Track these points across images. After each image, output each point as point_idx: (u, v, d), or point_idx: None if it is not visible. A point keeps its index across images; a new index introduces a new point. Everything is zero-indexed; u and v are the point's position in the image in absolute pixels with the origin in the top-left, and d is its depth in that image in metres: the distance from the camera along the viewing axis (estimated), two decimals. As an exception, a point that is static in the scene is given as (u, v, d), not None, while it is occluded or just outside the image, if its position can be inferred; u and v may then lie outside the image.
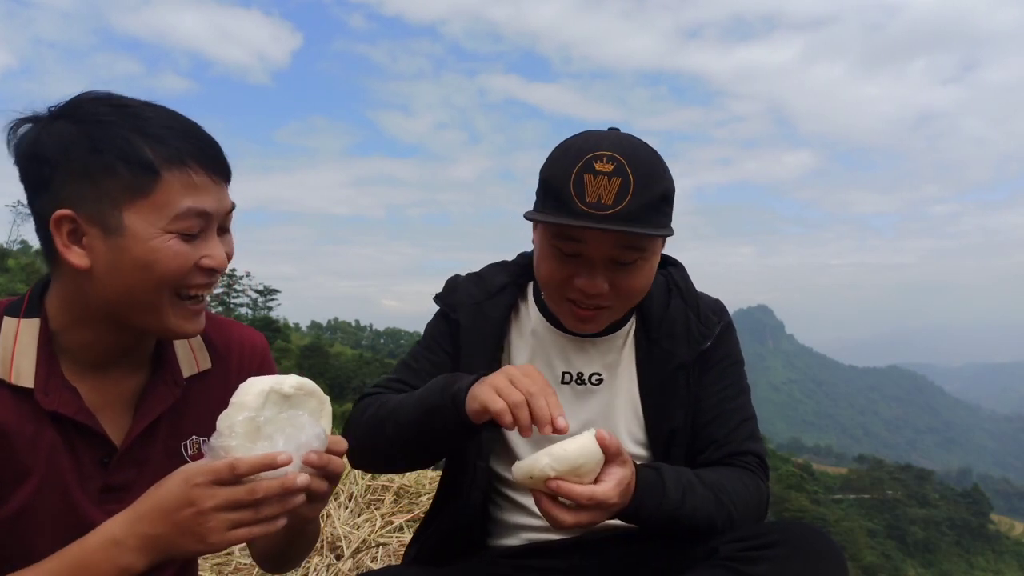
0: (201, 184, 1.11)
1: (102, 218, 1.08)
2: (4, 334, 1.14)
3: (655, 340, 1.52)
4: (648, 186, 1.32)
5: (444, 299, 1.61)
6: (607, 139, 1.36)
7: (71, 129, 1.08)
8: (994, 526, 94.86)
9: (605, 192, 1.30)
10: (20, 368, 1.12)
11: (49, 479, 1.13)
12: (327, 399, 1.18)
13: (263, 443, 1.06)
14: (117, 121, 1.09)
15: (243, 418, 1.05)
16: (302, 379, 1.15)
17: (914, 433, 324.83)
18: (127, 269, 1.09)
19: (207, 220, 1.13)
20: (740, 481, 1.43)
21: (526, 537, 1.53)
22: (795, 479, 72.73)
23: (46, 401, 1.12)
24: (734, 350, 1.59)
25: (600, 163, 1.31)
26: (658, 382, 1.51)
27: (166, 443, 1.25)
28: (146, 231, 1.08)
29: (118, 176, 1.07)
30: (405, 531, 2.86)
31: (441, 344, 1.58)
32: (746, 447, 1.50)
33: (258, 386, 1.09)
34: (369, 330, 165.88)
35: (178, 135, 1.11)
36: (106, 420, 1.19)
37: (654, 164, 1.36)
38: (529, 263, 1.59)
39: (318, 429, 1.11)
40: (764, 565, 1.19)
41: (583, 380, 1.52)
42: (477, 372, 1.34)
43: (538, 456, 1.15)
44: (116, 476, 1.19)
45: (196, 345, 1.32)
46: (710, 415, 1.52)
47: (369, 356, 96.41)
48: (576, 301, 1.40)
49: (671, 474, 1.32)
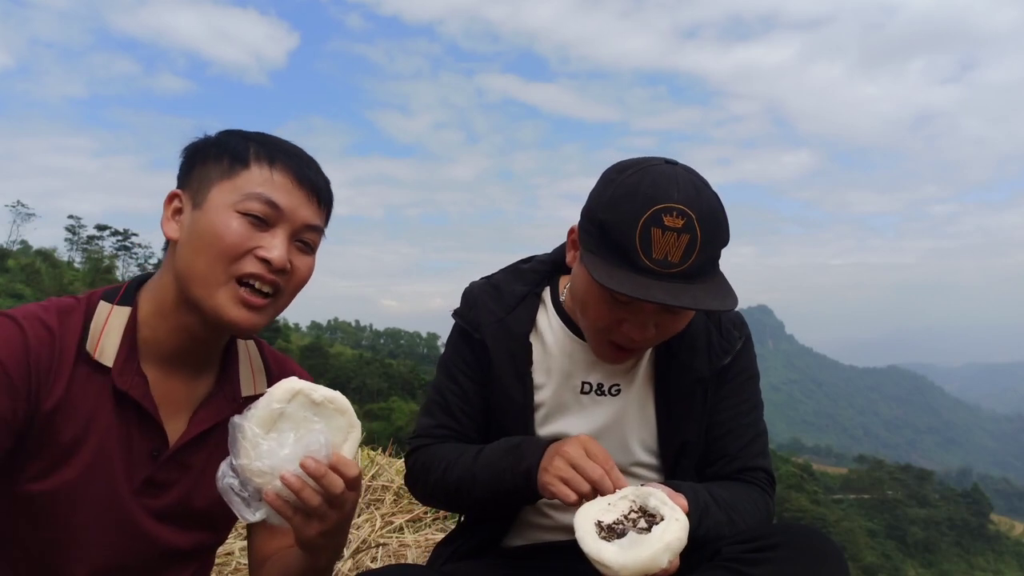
0: (280, 183, 1.24)
1: (196, 195, 1.25)
2: (98, 315, 1.25)
3: (675, 353, 1.51)
4: (713, 241, 1.31)
5: (464, 316, 1.59)
6: (677, 187, 1.30)
7: (213, 137, 1.30)
8: (994, 526, 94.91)
9: (672, 250, 1.27)
10: (104, 348, 1.23)
11: (99, 458, 1.21)
12: (358, 425, 1.21)
13: (273, 434, 1.14)
14: (249, 134, 1.30)
15: (265, 405, 1.15)
16: (338, 395, 1.20)
17: (914, 433, 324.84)
18: (196, 237, 1.22)
19: (277, 213, 1.23)
20: (750, 499, 1.45)
21: (533, 537, 1.54)
22: (795, 479, 72.75)
23: (120, 381, 1.22)
24: (751, 365, 1.59)
25: (669, 217, 1.27)
26: (675, 395, 1.51)
27: (211, 454, 1.30)
28: (219, 205, 1.22)
29: (220, 164, 1.25)
30: (405, 531, 2.86)
31: (465, 371, 1.58)
32: (756, 463, 1.52)
33: (289, 384, 1.17)
34: (369, 330, 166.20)
35: (281, 149, 1.28)
36: (165, 417, 1.27)
37: (719, 216, 1.33)
38: (543, 268, 1.60)
39: (326, 441, 1.14)
40: (766, 567, 1.20)
41: (602, 391, 1.52)
42: (513, 399, 1.49)
43: (657, 555, 1.13)
44: (162, 472, 1.27)
45: (256, 368, 1.43)
46: (724, 429, 1.53)
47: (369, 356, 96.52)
48: (619, 344, 1.41)
49: (692, 497, 1.31)
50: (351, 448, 1.19)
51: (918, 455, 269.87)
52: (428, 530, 2.88)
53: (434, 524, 2.96)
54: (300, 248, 1.28)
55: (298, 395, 1.16)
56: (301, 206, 1.25)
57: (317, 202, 1.28)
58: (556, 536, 1.52)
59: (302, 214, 1.25)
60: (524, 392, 1.52)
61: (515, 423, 1.52)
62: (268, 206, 1.22)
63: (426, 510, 3.02)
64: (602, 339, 1.42)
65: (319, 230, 1.30)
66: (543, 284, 1.60)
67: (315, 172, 1.30)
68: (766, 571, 1.20)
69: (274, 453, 1.13)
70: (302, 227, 1.26)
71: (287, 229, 1.24)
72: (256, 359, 1.45)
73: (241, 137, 1.28)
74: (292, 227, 1.25)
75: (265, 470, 1.12)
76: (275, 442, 1.13)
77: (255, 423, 1.14)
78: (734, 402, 1.54)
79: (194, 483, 1.31)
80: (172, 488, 1.28)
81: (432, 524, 2.96)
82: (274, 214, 1.23)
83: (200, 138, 1.30)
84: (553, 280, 1.62)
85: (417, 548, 2.70)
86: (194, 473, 1.31)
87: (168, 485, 1.28)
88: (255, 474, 1.12)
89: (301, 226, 1.26)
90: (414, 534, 2.83)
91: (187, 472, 1.30)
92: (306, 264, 1.29)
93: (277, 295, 1.26)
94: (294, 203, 1.24)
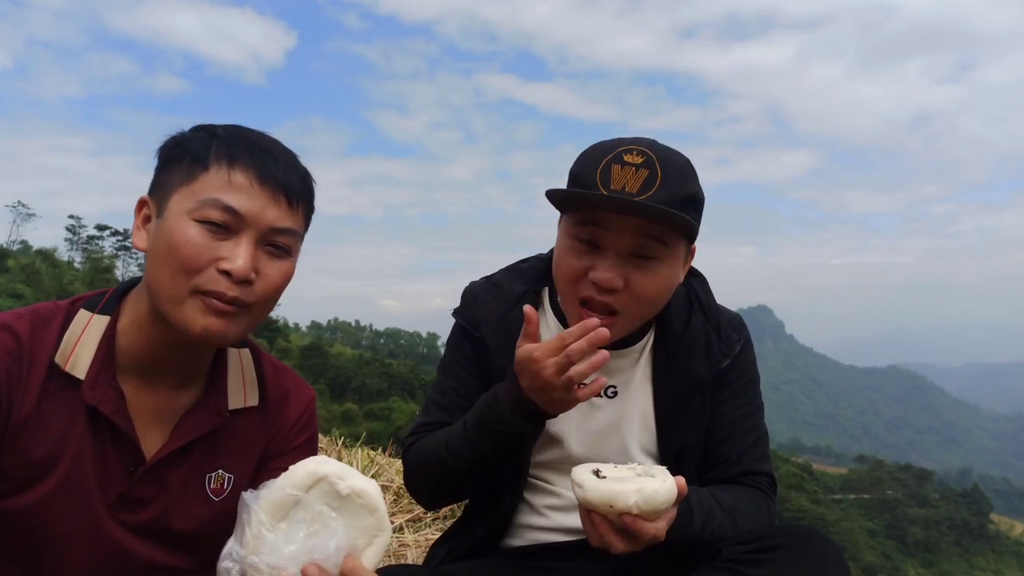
0: (239, 184, 1.13)
1: (160, 202, 1.16)
2: (75, 324, 1.18)
3: (674, 355, 1.50)
4: (675, 182, 1.31)
5: (464, 315, 1.58)
6: (641, 139, 1.36)
7: (181, 135, 1.20)
8: (994, 526, 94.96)
9: (631, 181, 1.29)
10: (78, 359, 1.16)
11: (73, 474, 1.14)
12: (388, 528, 1.06)
13: (283, 524, 1.02)
14: (218, 131, 1.18)
15: (280, 488, 1.02)
16: (369, 489, 1.04)
17: (914, 433, 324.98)
18: (158, 249, 1.14)
19: (237, 220, 1.13)
20: (753, 503, 1.45)
21: (531, 538, 1.52)
22: (795, 479, 72.77)
23: (90, 395, 1.14)
24: (751, 368, 1.57)
25: (629, 155, 1.31)
26: (674, 398, 1.50)
27: (192, 469, 1.24)
28: (177, 213, 1.12)
29: (181, 166, 1.15)
30: (405, 531, 2.86)
31: (466, 368, 1.56)
32: (758, 467, 1.51)
33: (313, 466, 1.03)
34: (369, 330, 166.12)
35: (247, 145, 1.17)
36: (143, 431, 1.20)
37: (684, 166, 1.36)
38: (544, 268, 1.59)
39: (339, 547, 1.02)
40: (767, 568, 1.20)
41: (599, 393, 1.47)
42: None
43: (626, 491, 1.15)
44: (138, 488, 1.20)
45: (248, 380, 1.33)
46: (724, 433, 1.51)
47: (369, 356, 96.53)
48: (589, 301, 1.37)
49: (696, 500, 1.31)
50: (374, 556, 1.05)
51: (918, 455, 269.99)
52: (428, 530, 2.88)
53: (434, 524, 2.96)
54: (271, 253, 1.17)
55: (321, 482, 1.02)
56: (266, 208, 1.14)
57: (286, 201, 1.17)
58: (554, 537, 1.51)
59: (267, 217, 1.14)
60: None
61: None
62: (226, 212, 1.11)
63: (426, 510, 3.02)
64: (574, 298, 1.39)
65: (291, 232, 1.18)
66: (542, 283, 1.59)
67: (284, 168, 1.18)
68: (767, 572, 1.19)
69: (276, 549, 1.00)
70: (268, 231, 1.15)
71: (252, 235, 1.14)
72: (249, 369, 1.35)
73: (206, 134, 1.17)
74: (257, 232, 1.14)
75: (261, 567, 1.00)
76: (282, 536, 1.01)
77: (264, 508, 1.01)
78: (734, 406, 1.53)
79: (172, 502, 1.23)
80: (149, 505, 1.21)
81: (432, 524, 2.96)
82: (234, 220, 1.12)
83: (171, 136, 1.20)
84: (551, 279, 1.57)
85: (417, 548, 2.70)
86: (172, 491, 1.23)
87: (145, 501, 1.21)
88: (252, 568, 1.01)
89: (267, 230, 1.15)
90: (413, 534, 2.83)
91: (166, 488, 1.22)
92: (278, 270, 1.18)
93: (248, 306, 1.16)
94: (256, 206, 1.13)
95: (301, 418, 1.38)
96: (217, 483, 1.27)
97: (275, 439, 1.35)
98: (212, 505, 1.27)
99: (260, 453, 1.33)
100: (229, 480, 1.29)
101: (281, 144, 1.22)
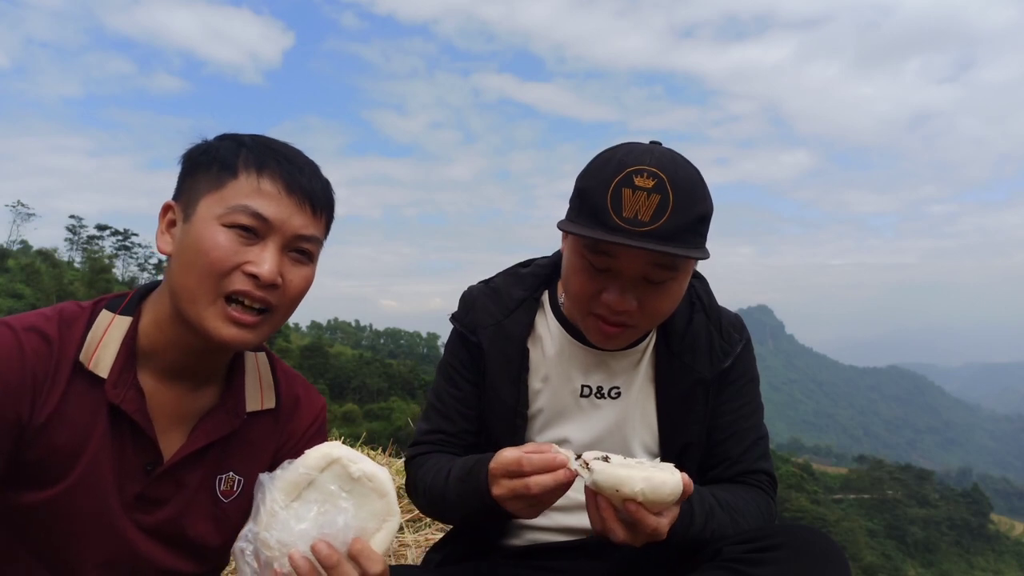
0: (268, 192, 1.18)
1: (187, 207, 1.20)
2: (97, 324, 1.21)
3: (676, 355, 1.52)
4: (687, 206, 1.29)
5: (461, 319, 1.58)
6: (650, 154, 1.32)
7: (207, 143, 1.24)
8: (994, 526, 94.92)
9: (643, 209, 1.27)
10: (100, 358, 1.19)
11: (92, 470, 1.17)
12: (397, 513, 1.10)
13: (296, 504, 1.05)
14: (245, 140, 1.23)
15: (294, 469, 1.06)
16: (380, 474, 1.09)
17: (914, 433, 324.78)
18: (185, 252, 1.17)
19: (265, 226, 1.17)
20: (753, 502, 1.47)
21: (530, 538, 1.53)
22: (795, 479, 72.73)
23: (113, 394, 1.17)
24: (751, 368, 1.60)
25: (640, 178, 1.28)
26: (676, 397, 1.51)
27: (207, 471, 1.27)
28: (206, 218, 1.17)
29: (209, 173, 1.19)
30: (405, 531, 2.85)
31: (463, 374, 1.57)
32: (758, 466, 1.53)
33: (327, 449, 1.08)
34: (369, 330, 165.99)
35: (274, 154, 1.21)
36: (162, 431, 1.23)
37: (695, 184, 1.33)
38: (542, 272, 1.59)
39: (347, 524, 1.04)
40: (768, 567, 1.20)
41: (602, 394, 1.52)
42: (505, 403, 1.48)
43: (634, 477, 1.16)
44: (155, 488, 1.22)
45: (265, 382, 1.37)
46: (725, 433, 1.53)
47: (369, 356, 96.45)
48: (602, 317, 1.39)
49: (697, 499, 1.32)
50: (383, 540, 1.08)
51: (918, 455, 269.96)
52: (428, 530, 2.87)
53: (434, 524, 2.95)
54: (295, 259, 1.22)
55: (334, 464, 1.06)
56: (292, 215, 1.20)
57: (311, 209, 1.22)
58: (554, 537, 1.52)
59: (293, 224, 1.20)
60: (517, 397, 1.51)
61: (505, 428, 1.51)
62: (255, 218, 1.16)
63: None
64: (586, 312, 1.41)
65: (315, 239, 1.24)
66: (542, 288, 1.59)
67: (309, 177, 1.23)
68: (767, 571, 1.20)
69: (288, 526, 1.04)
70: (294, 237, 1.21)
71: (278, 241, 1.19)
72: (266, 373, 1.39)
73: (234, 143, 1.22)
74: (283, 238, 1.19)
75: (273, 544, 1.03)
76: (293, 514, 1.04)
77: (279, 488, 1.05)
78: (735, 406, 1.54)
79: (187, 504, 1.25)
80: (165, 505, 1.23)
81: (432, 524, 2.95)
82: (262, 226, 1.17)
83: (196, 144, 1.24)
84: (552, 284, 1.60)
85: (417, 548, 2.69)
86: (187, 491, 1.25)
87: (161, 501, 1.23)
88: (264, 545, 1.04)
89: (293, 236, 1.20)
90: (414, 534, 2.82)
91: (181, 490, 1.25)
92: (301, 275, 1.23)
93: (271, 311, 1.21)
94: (284, 213, 1.19)
95: (312, 426, 1.41)
96: (227, 485, 1.29)
97: (286, 445, 1.38)
98: (221, 507, 1.29)
99: (270, 458, 1.36)
100: (239, 483, 1.31)
101: (304, 154, 1.27)
